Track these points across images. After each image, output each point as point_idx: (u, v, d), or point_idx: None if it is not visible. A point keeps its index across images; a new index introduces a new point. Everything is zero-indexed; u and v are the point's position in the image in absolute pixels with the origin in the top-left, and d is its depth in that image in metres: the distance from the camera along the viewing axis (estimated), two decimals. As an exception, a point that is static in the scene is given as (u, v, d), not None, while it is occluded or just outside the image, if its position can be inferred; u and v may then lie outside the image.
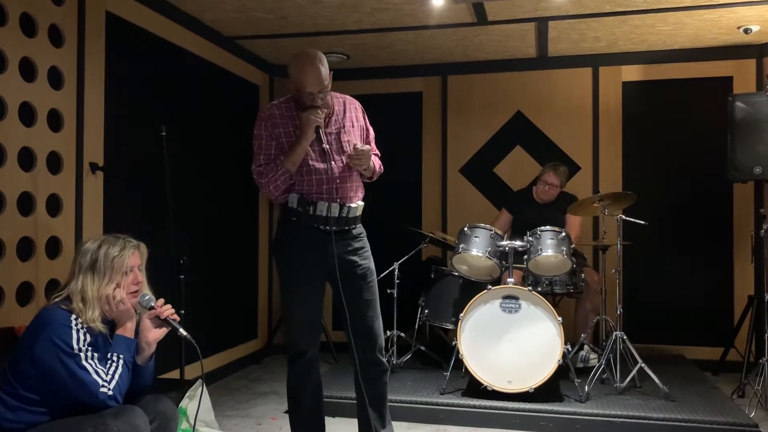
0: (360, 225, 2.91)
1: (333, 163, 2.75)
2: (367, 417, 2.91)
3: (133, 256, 2.26)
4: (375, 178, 3.01)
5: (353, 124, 2.88)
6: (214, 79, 4.62)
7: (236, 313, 4.96)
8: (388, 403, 3.02)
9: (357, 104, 2.96)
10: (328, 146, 2.74)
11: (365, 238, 2.92)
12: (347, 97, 2.93)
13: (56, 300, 2.17)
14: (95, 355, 2.11)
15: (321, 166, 2.74)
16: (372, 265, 2.90)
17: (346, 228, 2.82)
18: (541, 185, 4.57)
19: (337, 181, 2.76)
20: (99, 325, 2.15)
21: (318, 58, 2.71)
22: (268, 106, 2.86)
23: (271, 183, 2.72)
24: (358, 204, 2.85)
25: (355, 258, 2.83)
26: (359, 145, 2.80)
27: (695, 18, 4.24)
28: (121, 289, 2.21)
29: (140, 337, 2.25)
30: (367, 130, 2.98)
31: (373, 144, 3.00)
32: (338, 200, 2.76)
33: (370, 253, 2.91)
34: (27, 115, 3.02)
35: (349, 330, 2.85)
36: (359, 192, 2.89)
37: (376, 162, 2.96)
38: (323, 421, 3.02)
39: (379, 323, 2.90)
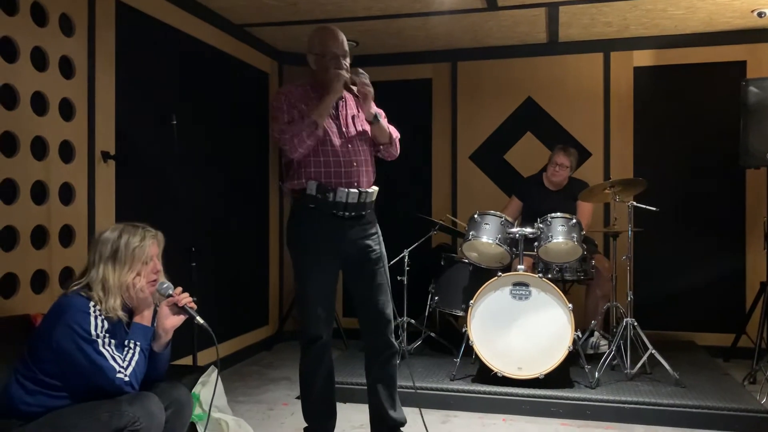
0: (372, 210, 2.95)
1: (350, 145, 2.82)
2: (378, 399, 2.97)
3: (152, 246, 2.29)
4: (394, 150, 3.00)
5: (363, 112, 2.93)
6: (224, 67, 4.62)
7: (247, 299, 5.00)
8: (399, 389, 3.06)
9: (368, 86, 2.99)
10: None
11: (377, 223, 2.97)
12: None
13: (75, 288, 2.19)
14: (113, 341, 2.14)
15: (341, 149, 2.80)
16: (384, 249, 2.95)
17: (363, 213, 2.87)
18: (551, 167, 4.56)
19: (354, 164, 2.81)
20: (120, 314, 2.18)
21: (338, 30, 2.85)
22: (285, 86, 2.94)
23: (295, 136, 2.70)
24: (374, 189, 2.90)
25: (369, 242, 2.89)
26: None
27: (708, 2, 4.19)
28: (141, 278, 2.24)
29: (157, 324, 2.28)
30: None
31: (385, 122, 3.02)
32: (356, 185, 2.81)
33: (381, 238, 2.96)
34: (39, 104, 3.04)
35: (361, 313, 2.93)
36: (373, 176, 2.94)
37: (392, 130, 2.98)
38: (335, 407, 3.06)
39: (391, 307, 2.96)
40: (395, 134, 3.00)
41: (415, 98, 5.44)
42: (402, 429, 3.04)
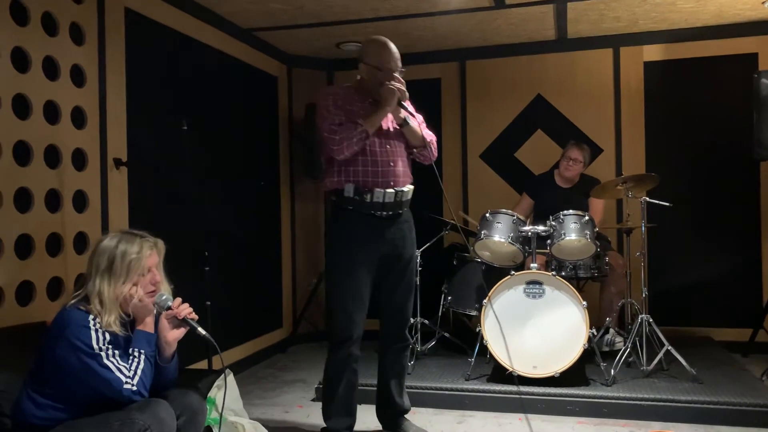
0: (408, 208, 3.05)
1: (388, 146, 2.92)
2: (387, 385, 3.14)
3: (151, 257, 2.23)
4: (428, 153, 3.07)
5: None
6: (233, 72, 4.64)
7: (261, 302, 5.01)
8: (416, 390, 3.24)
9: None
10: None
11: (412, 221, 3.09)
12: None
13: (73, 301, 2.16)
14: (116, 352, 2.11)
15: (379, 149, 2.89)
16: (415, 248, 3.11)
17: (399, 212, 2.97)
18: (564, 161, 4.54)
19: (391, 164, 2.90)
20: (116, 329, 2.14)
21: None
22: (329, 86, 3.02)
23: (345, 141, 2.81)
24: (408, 188, 2.99)
25: (404, 241, 3.01)
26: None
27: (718, -6, 4.17)
28: (138, 289, 2.19)
29: (159, 337, 2.24)
30: (414, 116, 3.10)
31: (423, 125, 3.12)
32: (392, 185, 2.89)
33: (414, 235, 3.09)
34: (51, 113, 3.06)
35: (384, 307, 3.07)
36: (409, 175, 3.02)
37: (427, 134, 3.08)
38: (355, 408, 3.11)
39: (412, 305, 3.14)
40: (429, 137, 3.08)
41: (424, 98, 5.37)
42: (405, 416, 3.19)
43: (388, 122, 2.98)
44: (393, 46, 2.94)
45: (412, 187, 3.01)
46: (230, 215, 4.56)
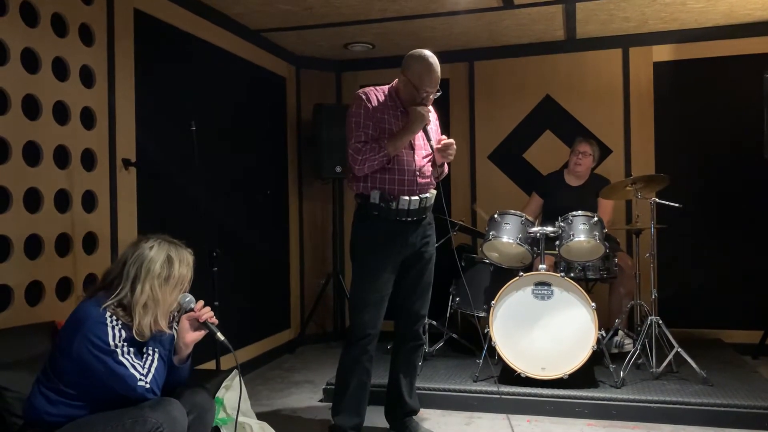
0: (431, 211, 3.12)
1: (415, 156, 2.97)
2: (398, 385, 3.16)
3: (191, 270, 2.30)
4: (441, 173, 3.17)
5: (435, 126, 3.14)
6: (241, 73, 4.65)
7: (269, 303, 5.02)
8: (424, 391, 3.24)
9: (431, 108, 3.14)
10: (426, 142, 3.00)
11: (434, 221, 3.16)
12: None
13: (100, 295, 2.18)
14: (131, 350, 2.14)
15: (406, 158, 2.95)
16: (434, 249, 3.17)
17: (424, 216, 3.04)
18: (574, 156, 4.52)
19: (417, 173, 2.96)
20: (149, 333, 2.17)
21: (435, 59, 2.96)
22: (366, 89, 3.03)
23: (367, 161, 2.88)
24: (432, 193, 3.06)
25: (426, 243, 3.09)
26: (447, 140, 3.03)
27: (728, -6, 4.14)
28: (179, 296, 2.27)
29: (178, 338, 2.27)
30: (439, 128, 3.21)
31: (437, 131, 3.18)
32: (417, 192, 2.96)
33: (435, 236, 3.16)
34: (61, 113, 3.08)
35: (400, 305, 3.12)
36: (433, 182, 3.09)
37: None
38: (365, 408, 3.13)
39: (428, 303, 3.19)
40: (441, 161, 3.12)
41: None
42: (414, 417, 3.22)
43: (423, 134, 3.03)
44: (437, 68, 2.94)
45: (435, 192, 3.08)
46: (239, 216, 4.56)
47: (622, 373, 3.67)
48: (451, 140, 3.02)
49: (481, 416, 3.58)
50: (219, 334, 2.29)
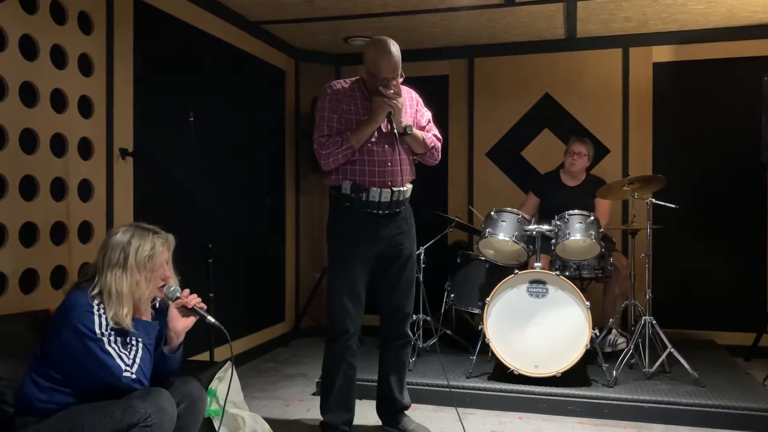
0: (408, 206, 3.03)
1: (386, 146, 2.89)
2: (388, 382, 3.14)
3: (163, 253, 2.26)
4: (430, 159, 3.08)
5: (407, 111, 2.99)
6: (241, 64, 4.64)
7: (264, 296, 5.02)
8: (416, 387, 3.24)
9: (412, 93, 3.08)
10: (396, 131, 2.87)
11: (412, 218, 3.06)
12: (403, 86, 3.01)
13: (84, 286, 2.18)
14: (118, 339, 2.14)
15: (377, 149, 2.87)
16: (415, 245, 3.08)
17: (397, 210, 2.96)
18: (568, 157, 4.52)
19: (389, 164, 2.88)
20: (127, 323, 2.15)
21: (395, 45, 2.84)
22: (334, 82, 2.98)
23: (331, 155, 2.83)
24: (407, 187, 2.98)
25: (402, 239, 3.00)
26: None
27: (729, -4, 4.14)
28: (150, 284, 2.23)
29: (169, 327, 2.27)
30: (421, 114, 3.09)
31: (429, 126, 3.11)
32: (389, 185, 2.89)
33: (414, 232, 3.07)
34: (58, 101, 3.07)
35: (383, 304, 3.07)
36: (409, 175, 3.00)
37: (428, 140, 3.04)
38: (354, 402, 3.13)
39: (412, 302, 3.13)
40: (430, 143, 3.03)
41: (432, 95, 5.35)
42: (405, 412, 3.21)
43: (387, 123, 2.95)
44: (394, 52, 2.81)
45: (410, 185, 3.01)
46: (235, 208, 4.56)
47: (614, 372, 3.68)
48: (390, 91, 2.84)
49: (473, 412, 3.58)
50: (209, 317, 2.30)
